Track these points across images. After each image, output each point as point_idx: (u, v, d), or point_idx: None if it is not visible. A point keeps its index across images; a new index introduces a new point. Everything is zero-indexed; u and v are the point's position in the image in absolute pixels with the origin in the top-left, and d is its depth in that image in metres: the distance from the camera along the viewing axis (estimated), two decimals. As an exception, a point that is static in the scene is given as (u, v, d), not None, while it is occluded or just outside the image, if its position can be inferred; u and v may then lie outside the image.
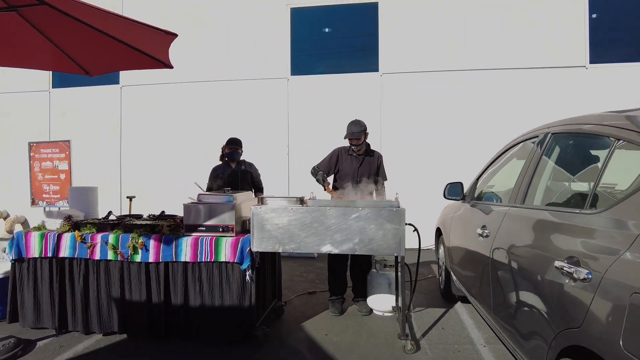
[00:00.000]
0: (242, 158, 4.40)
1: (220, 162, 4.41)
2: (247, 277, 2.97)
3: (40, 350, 3.01)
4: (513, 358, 2.33)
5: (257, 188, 4.41)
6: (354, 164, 3.86)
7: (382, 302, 3.62)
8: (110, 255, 3.16)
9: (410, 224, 3.28)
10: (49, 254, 3.28)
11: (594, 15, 6.47)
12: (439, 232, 4.26)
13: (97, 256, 3.18)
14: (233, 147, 4.28)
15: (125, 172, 7.65)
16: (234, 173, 4.28)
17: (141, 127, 7.64)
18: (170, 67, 3.39)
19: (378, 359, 2.82)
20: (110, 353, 2.98)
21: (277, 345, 3.07)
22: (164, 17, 7.47)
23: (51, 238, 3.28)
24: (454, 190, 3.45)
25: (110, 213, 3.74)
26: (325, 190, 3.84)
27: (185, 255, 3.06)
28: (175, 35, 2.73)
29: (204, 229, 3.13)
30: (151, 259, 3.10)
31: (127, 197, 4.33)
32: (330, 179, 3.98)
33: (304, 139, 7.09)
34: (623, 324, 1.24)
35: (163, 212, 3.73)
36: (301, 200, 3.08)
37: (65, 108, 7.95)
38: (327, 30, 7.57)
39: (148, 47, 3.26)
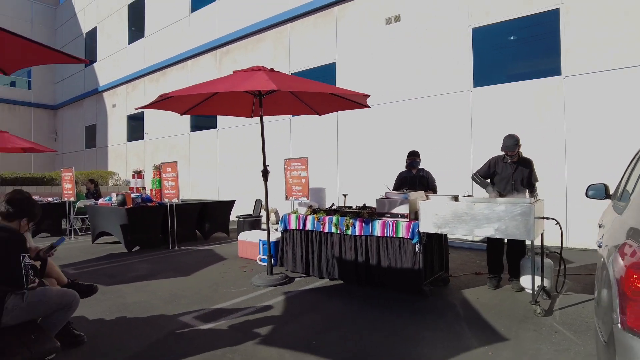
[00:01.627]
0: (420, 166, 5.79)
1: (405, 169, 5.90)
2: (417, 249, 4.39)
3: (296, 282, 5.14)
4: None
5: (433, 189, 5.70)
6: (509, 170, 4.76)
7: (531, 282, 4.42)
8: (333, 230, 5.07)
9: (552, 218, 4.10)
10: (300, 227, 5.44)
11: None
12: (600, 230, 4.68)
13: (326, 230, 5.15)
14: (413, 157, 5.73)
15: (341, 177, 9.99)
16: (414, 177, 5.71)
17: (350, 141, 9.84)
18: (368, 107, 5.13)
19: (510, 315, 3.80)
20: (335, 289, 4.85)
21: (438, 298, 4.37)
22: (368, 55, 9.47)
23: (301, 218, 5.43)
24: (594, 191, 3.99)
25: (333, 204, 5.72)
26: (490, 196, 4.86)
27: (377, 231, 4.69)
28: (368, 96, 4.39)
29: (389, 215, 4.70)
30: (357, 232, 4.86)
31: (343, 195, 6.29)
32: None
33: (487, 142, 7.85)
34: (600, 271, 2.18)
35: (364, 204, 5.47)
36: (456, 198, 4.29)
37: (299, 132, 10.90)
38: (506, 41, 8.11)
39: (355, 98, 5.07)
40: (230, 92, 5.27)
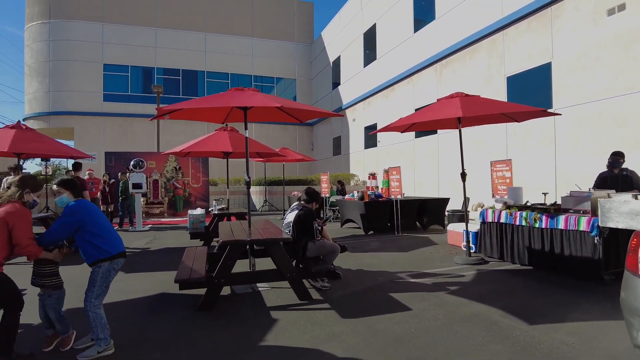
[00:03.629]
0: (624, 166, 5.97)
1: (606, 169, 6.16)
2: (595, 241, 4.98)
3: (490, 264, 6.31)
4: None
5: (638, 188, 5.79)
6: None
7: None
8: (523, 223, 6.03)
9: None
10: (496, 220, 6.56)
11: None
12: None
13: (517, 222, 6.13)
14: (615, 157, 5.99)
15: (558, 176, 10.05)
16: (615, 177, 5.95)
17: (567, 141, 9.77)
18: (559, 114, 5.85)
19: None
20: (520, 271, 5.83)
21: (616, 286, 4.81)
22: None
23: (497, 213, 6.55)
24: None
25: (527, 202, 6.58)
26: None
27: (561, 225, 5.44)
28: (544, 110, 5.26)
29: (572, 211, 5.37)
30: (543, 225, 5.70)
31: (542, 193, 6.98)
32: None
33: None
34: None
35: (555, 202, 6.13)
36: (636, 197, 4.68)
37: (516, 134, 11.34)
38: None
39: (534, 110, 5.89)
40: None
